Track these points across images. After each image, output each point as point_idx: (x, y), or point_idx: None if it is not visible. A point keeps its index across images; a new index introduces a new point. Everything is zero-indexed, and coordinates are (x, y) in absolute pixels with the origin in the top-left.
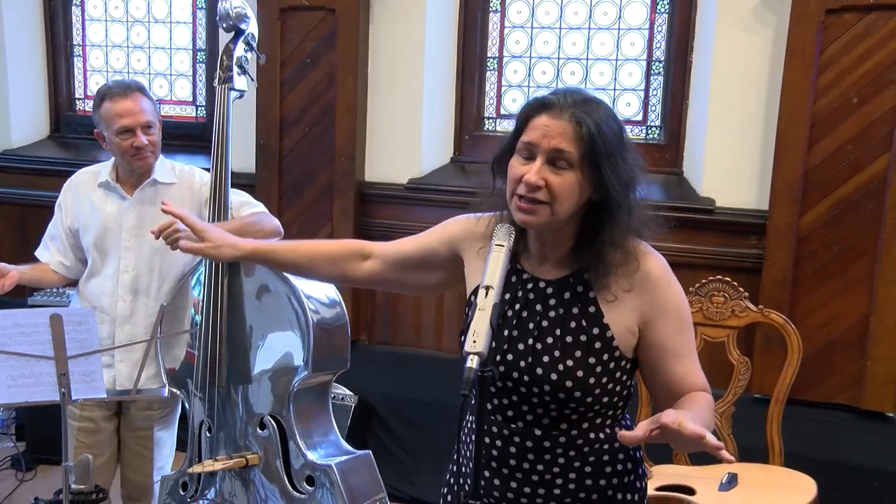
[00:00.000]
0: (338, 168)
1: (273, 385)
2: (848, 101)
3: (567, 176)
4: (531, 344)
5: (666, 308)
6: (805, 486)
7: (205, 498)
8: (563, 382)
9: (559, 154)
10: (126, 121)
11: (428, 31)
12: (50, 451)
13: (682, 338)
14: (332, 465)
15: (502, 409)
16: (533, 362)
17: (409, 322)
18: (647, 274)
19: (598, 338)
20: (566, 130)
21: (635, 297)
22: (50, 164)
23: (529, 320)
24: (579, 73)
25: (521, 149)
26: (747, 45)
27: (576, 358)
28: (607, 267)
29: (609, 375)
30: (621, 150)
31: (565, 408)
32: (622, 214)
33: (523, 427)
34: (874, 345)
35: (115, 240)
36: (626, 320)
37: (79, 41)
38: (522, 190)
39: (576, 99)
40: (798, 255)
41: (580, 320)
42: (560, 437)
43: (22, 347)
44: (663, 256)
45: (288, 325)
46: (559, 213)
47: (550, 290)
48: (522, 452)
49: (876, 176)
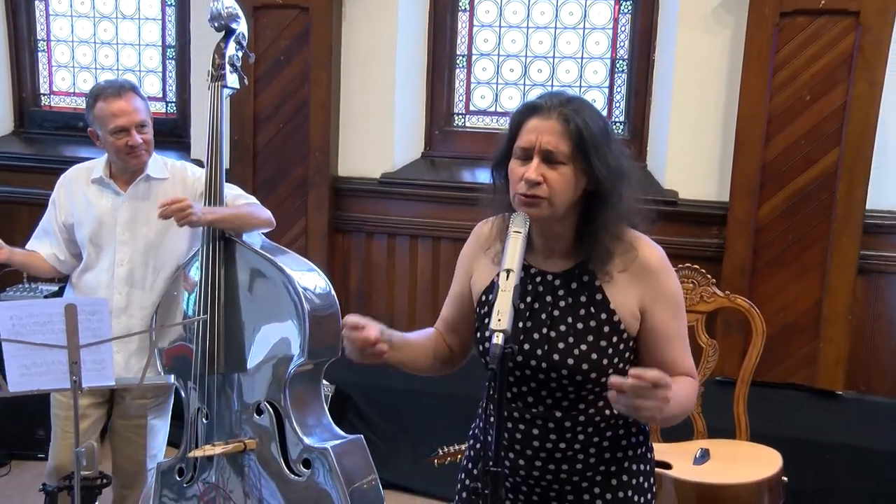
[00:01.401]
0: (312, 163)
1: (269, 372)
2: (801, 98)
3: (562, 170)
4: (545, 333)
5: (663, 296)
6: (771, 458)
7: (202, 482)
8: (580, 366)
9: (552, 151)
10: (121, 121)
11: (399, 29)
12: (22, 447)
13: (677, 325)
14: (329, 447)
15: (522, 396)
16: (549, 350)
17: (383, 313)
18: (646, 262)
19: (606, 322)
20: (555, 129)
21: (636, 285)
22: (14, 160)
23: (541, 311)
24: (546, 71)
25: (517, 153)
26: (707, 45)
27: (588, 342)
28: (606, 254)
29: (619, 356)
30: (607, 142)
31: (582, 389)
32: (614, 201)
33: (544, 410)
34: (826, 327)
35: (110, 234)
36: (630, 305)
37: (43, 36)
38: (523, 188)
39: (561, 100)
40: (756, 244)
41: (589, 307)
42: (579, 416)
43: (36, 337)
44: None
45: (284, 313)
46: (558, 204)
47: (558, 282)
48: (545, 433)
49: (827, 169)
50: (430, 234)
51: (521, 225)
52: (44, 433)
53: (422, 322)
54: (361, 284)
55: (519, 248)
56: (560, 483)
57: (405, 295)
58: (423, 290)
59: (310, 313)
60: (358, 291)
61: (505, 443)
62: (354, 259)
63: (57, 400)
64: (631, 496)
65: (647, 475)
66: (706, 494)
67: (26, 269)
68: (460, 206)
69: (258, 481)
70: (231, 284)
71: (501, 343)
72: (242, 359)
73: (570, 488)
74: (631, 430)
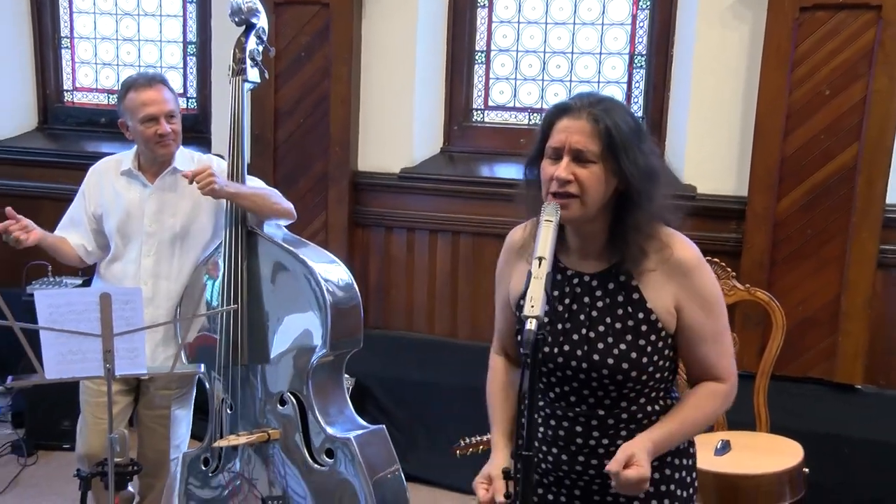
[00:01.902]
0: (332, 158)
1: (292, 363)
2: (820, 93)
3: (592, 168)
4: (584, 333)
5: (697, 294)
6: (792, 450)
7: (227, 471)
8: (620, 365)
9: (582, 151)
10: (151, 109)
11: (419, 25)
12: (48, 438)
13: (712, 322)
14: (352, 437)
15: (565, 395)
16: (589, 350)
17: (402, 307)
18: (681, 261)
19: (644, 321)
20: (585, 129)
21: (671, 282)
22: (38, 156)
23: (580, 312)
24: (564, 67)
25: (549, 153)
26: (725, 41)
27: (627, 341)
28: (640, 253)
29: (658, 353)
30: (638, 142)
31: (623, 387)
32: (644, 200)
33: (587, 409)
34: (845, 321)
35: (137, 225)
36: (665, 303)
37: (67, 33)
38: (555, 186)
39: (591, 100)
40: (775, 238)
41: (626, 307)
42: (622, 414)
43: (72, 325)
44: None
45: (307, 304)
46: (589, 203)
47: (595, 283)
48: (588, 431)
49: (847, 163)
50: (449, 228)
51: (552, 214)
52: (69, 424)
53: (440, 317)
54: (381, 279)
55: (550, 237)
56: (603, 478)
57: (424, 289)
58: (442, 284)
59: (332, 305)
60: (377, 286)
61: (549, 439)
62: (374, 253)
63: (86, 387)
64: (673, 490)
65: (690, 470)
66: (727, 484)
67: (55, 253)
68: (479, 200)
69: (282, 470)
70: (254, 276)
71: (534, 329)
72: (266, 350)
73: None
74: None
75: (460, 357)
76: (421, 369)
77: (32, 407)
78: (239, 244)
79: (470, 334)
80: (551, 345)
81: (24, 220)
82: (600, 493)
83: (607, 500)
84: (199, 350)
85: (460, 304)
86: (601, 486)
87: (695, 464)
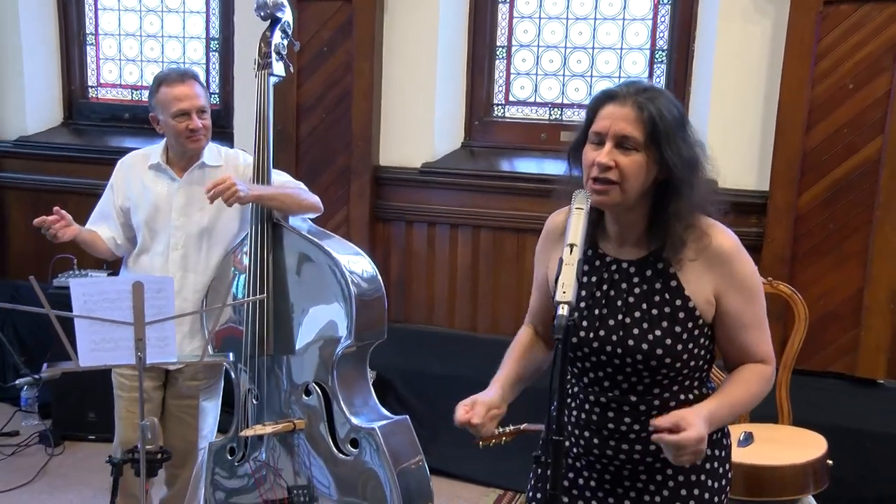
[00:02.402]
0: (354, 152)
1: (317, 354)
2: (844, 87)
3: (634, 156)
4: (620, 319)
5: (737, 281)
6: (815, 442)
7: (253, 461)
8: (654, 351)
9: (625, 137)
10: (183, 104)
11: (440, 20)
12: (74, 429)
13: (752, 309)
14: (376, 427)
15: (598, 380)
16: (624, 336)
17: (423, 301)
18: (720, 249)
19: (681, 308)
20: (630, 116)
21: (710, 271)
22: (63, 151)
23: (617, 298)
24: (585, 62)
25: (592, 137)
26: (747, 35)
27: (663, 328)
28: (679, 242)
29: (694, 342)
30: (682, 132)
31: (657, 374)
32: (686, 190)
33: (620, 395)
34: (867, 316)
35: (165, 219)
36: (704, 292)
37: (92, 30)
38: (595, 172)
39: (637, 88)
40: (796, 232)
41: (663, 294)
42: (654, 401)
43: (105, 314)
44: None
45: (332, 295)
46: (629, 191)
47: (633, 270)
48: (620, 416)
49: (870, 157)
50: (469, 223)
51: (584, 202)
52: (95, 416)
53: (461, 311)
54: (402, 273)
55: (581, 224)
56: (633, 463)
57: (445, 283)
58: (463, 278)
59: (356, 296)
60: (398, 279)
61: (581, 423)
62: (395, 247)
63: (119, 382)
64: (704, 480)
65: (723, 461)
66: (751, 475)
67: (88, 247)
68: (500, 195)
69: (307, 460)
70: (279, 268)
71: (566, 314)
72: (291, 341)
73: (643, 468)
74: None
75: (480, 351)
76: (442, 363)
77: (58, 398)
78: (265, 236)
79: (490, 328)
80: (587, 329)
81: (66, 217)
82: (631, 478)
83: (637, 485)
84: (225, 341)
85: (480, 298)
86: (632, 471)
87: (729, 455)
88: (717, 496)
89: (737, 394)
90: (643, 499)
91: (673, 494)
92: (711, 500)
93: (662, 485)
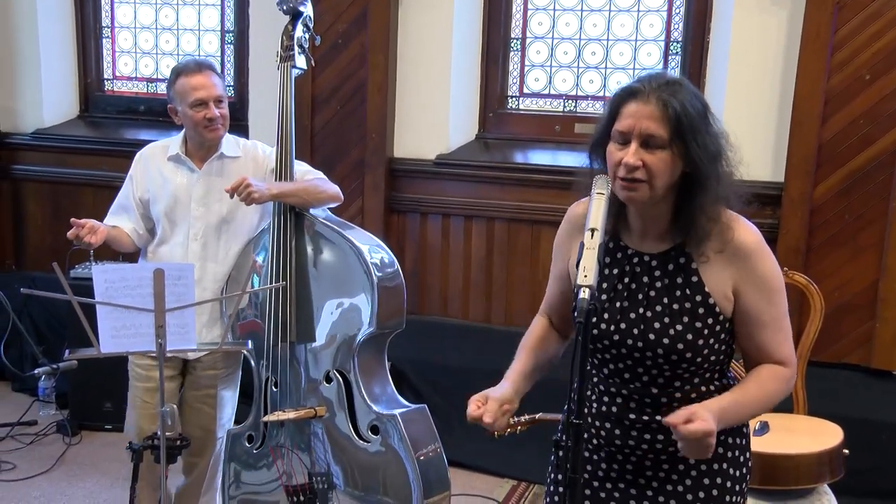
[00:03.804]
0: (368, 144)
1: (339, 341)
2: (861, 78)
3: (660, 154)
4: (642, 313)
5: (756, 277)
6: (832, 431)
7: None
8: (675, 345)
9: (651, 136)
10: (200, 94)
11: (455, 13)
12: (91, 419)
13: (771, 308)
14: (397, 413)
15: (619, 372)
16: (645, 329)
17: (437, 293)
18: (742, 244)
19: (701, 304)
20: (654, 113)
21: (731, 266)
22: (79, 143)
23: (638, 291)
24: (600, 54)
25: (616, 136)
26: (763, 26)
27: (684, 322)
28: (703, 235)
29: (714, 336)
30: (706, 125)
31: (678, 368)
32: (711, 183)
33: (640, 387)
34: (883, 307)
35: (184, 209)
36: (723, 287)
37: (108, 23)
38: (622, 172)
39: (659, 83)
40: (812, 224)
41: (684, 289)
42: (675, 394)
43: (126, 300)
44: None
45: (355, 283)
46: (657, 188)
47: (655, 263)
48: (641, 407)
49: (886, 149)
50: (484, 214)
51: (604, 187)
52: (111, 406)
53: (475, 303)
54: (416, 264)
55: (602, 209)
56: (655, 454)
57: (459, 275)
58: (477, 270)
59: (379, 284)
60: (412, 271)
61: (602, 413)
62: (409, 239)
63: (136, 372)
64: (726, 469)
65: (743, 450)
66: (766, 464)
67: (114, 243)
68: (514, 187)
69: (327, 447)
70: (301, 256)
71: (588, 297)
72: (312, 328)
73: (664, 458)
74: None
75: (495, 342)
76: (456, 354)
77: (75, 388)
78: (287, 225)
79: (504, 320)
80: (608, 322)
81: (90, 223)
82: (653, 469)
83: (659, 475)
84: (247, 336)
85: (495, 289)
86: (654, 460)
87: (748, 444)
88: (739, 484)
89: (751, 393)
90: (665, 489)
91: (695, 484)
92: (733, 488)
93: (684, 474)
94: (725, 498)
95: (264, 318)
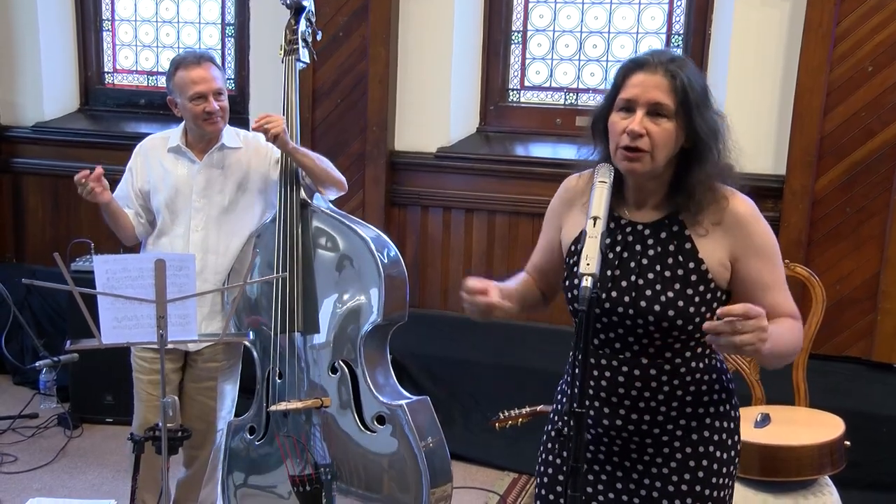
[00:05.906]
0: (369, 137)
1: (345, 332)
2: (863, 70)
3: (665, 125)
4: (633, 280)
5: (754, 245)
6: (833, 423)
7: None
8: (666, 312)
9: (658, 105)
10: (200, 87)
11: (456, 5)
12: (92, 412)
13: (771, 270)
14: (404, 403)
15: (609, 342)
16: (636, 296)
17: (438, 286)
18: (736, 212)
19: (694, 271)
20: (662, 84)
21: (726, 235)
22: (80, 137)
23: (630, 260)
24: (601, 47)
25: (620, 105)
26: (765, 18)
27: (675, 290)
28: (699, 206)
29: (706, 305)
30: (707, 101)
31: (668, 336)
32: (711, 157)
33: (630, 357)
34: (884, 300)
35: (185, 201)
36: (719, 255)
37: (108, 16)
38: (626, 140)
39: (666, 57)
40: (813, 216)
41: (677, 256)
42: (665, 366)
43: (128, 291)
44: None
45: (361, 273)
46: (659, 159)
47: (648, 232)
48: (630, 381)
49: (888, 141)
50: (484, 207)
51: (606, 175)
52: (112, 399)
53: None
54: (417, 257)
55: (605, 197)
56: (641, 435)
57: (460, 268)
58: (478, 263)
59: (385, 275)
60: (413, 264)
61: (591, 391)
62: (410, 232)
63: (139, 365)
64: (713, 451)
65: (731, 433)
66: (767, 455)
67: (115, 221)
68: (515, 180)
69: (333, 437)
70: (307, 246)
71: (590, 286)
72: (317, 319)
73: (650, 441)
74: (714, 387)
75: (495, 336)
76: (456, 347)
77: (76, 382)
78: (293, 211)
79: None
80: (599, 290)
81: (104, 182)
82: (638, 451)
83: (644, 458)
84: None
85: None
86: (640, 444)
87: (737, 428)
88: (726, 467)
89: (781, 330)
90: (650, 471)
91: (681, 466)
92: (720, 470)
93: (670, 457)
94: (712, 480)
95: (271, 308)
